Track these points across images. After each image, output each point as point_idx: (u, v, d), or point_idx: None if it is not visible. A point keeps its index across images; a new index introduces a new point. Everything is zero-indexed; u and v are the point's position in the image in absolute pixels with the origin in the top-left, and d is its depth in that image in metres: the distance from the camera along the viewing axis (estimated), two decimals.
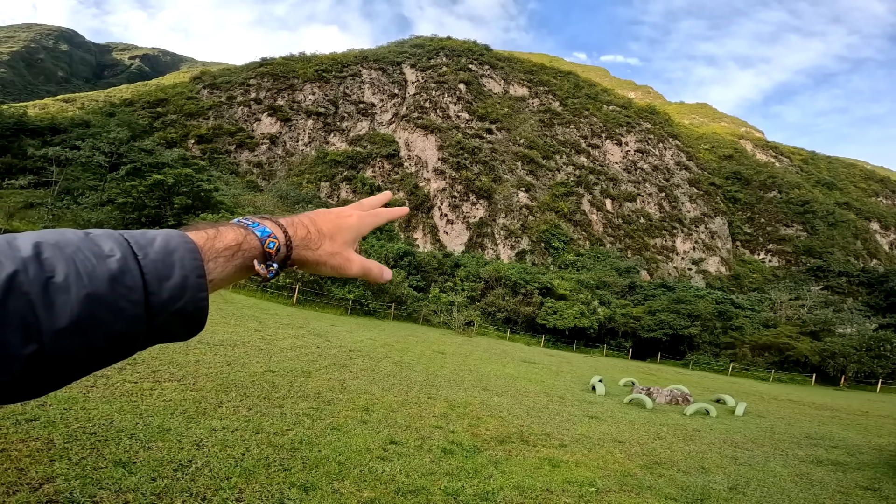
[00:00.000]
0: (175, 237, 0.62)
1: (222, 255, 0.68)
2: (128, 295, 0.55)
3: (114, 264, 0.55)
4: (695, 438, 9.44)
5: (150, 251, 0.59)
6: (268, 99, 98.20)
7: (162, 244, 0.61)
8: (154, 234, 0.62)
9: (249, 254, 0.71)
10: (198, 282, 0.61)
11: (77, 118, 72.39)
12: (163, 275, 0.58)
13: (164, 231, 0.63)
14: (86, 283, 0.53)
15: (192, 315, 0.61)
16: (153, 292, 0.57)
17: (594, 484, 5.65)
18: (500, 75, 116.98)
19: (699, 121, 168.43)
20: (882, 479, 7.73)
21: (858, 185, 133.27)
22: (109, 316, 0.54)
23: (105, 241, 0.58)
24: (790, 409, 17.46)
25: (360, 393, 8.53)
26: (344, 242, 0.82)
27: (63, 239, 0.55)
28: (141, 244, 0.59)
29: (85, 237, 0.57)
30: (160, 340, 0.61)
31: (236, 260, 0.70)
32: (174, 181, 37.26)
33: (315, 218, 0.82)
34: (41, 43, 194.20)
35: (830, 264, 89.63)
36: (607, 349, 45.51)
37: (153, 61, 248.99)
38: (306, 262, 0.78)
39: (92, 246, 0.56)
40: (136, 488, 3.65)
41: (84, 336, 0.53)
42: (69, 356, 0.53)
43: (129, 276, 0.56)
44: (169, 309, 0.59)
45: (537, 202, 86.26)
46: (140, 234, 0.61)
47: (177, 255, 0.60)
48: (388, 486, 4.60)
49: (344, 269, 0.81)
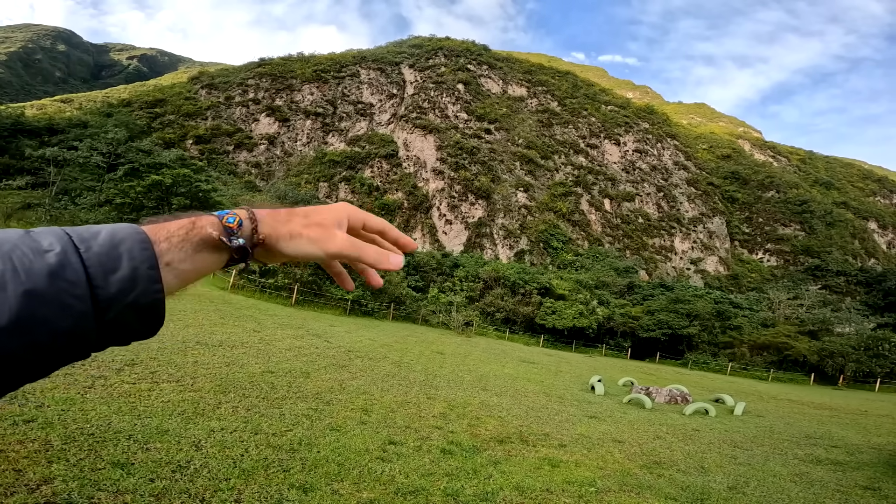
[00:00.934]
0: (123, 229, 0.59)
1: (175, 235, 0.64)
2: (70, 290, 0.52)
3: (52, 259, 0.52)
4: (694, 438, 9.44)
5: (93, 244, 0.56)
6: (266, 99, 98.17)
7: (107, 237, 0.57)
8: (100, 227, 0.59)
9: (204, 230, 0.66)
10: (149, 273, 0.58)
11: (75, 119, 72.26)
12: (108, 267, 0.55)
13: (111, 224, 0.60)
14: (23, 279, 0.50)
15: (147, 308, 0.58)
16: (99, 286, 0.54)
17: (594, 484, 5.65)
18: (498, 75, 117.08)
19: (697, 121, 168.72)
20: (881, 478, 7.74)
21: (856, 184, 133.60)
22: (53, 312, 0.51)
23: (45, 236, 0.55)
24: (789, 408, 17.48)
25: (359, 393, 8.52)
26: (320, 219, 0.75)
27: (2, 237, 0.53)
28: (84, 237, 0.56)
29: (25, 234, 0.55)
30: (117, 337, 0.58)
31: (192, 237, 0.65)
32: (172, 182, 37.22)
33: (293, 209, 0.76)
34: (39, 43, 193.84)
35: (828, 264, 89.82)
36: (606, 349, 45.52)
37: (151, 62, 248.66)
38: (278, 235, 0.71)
39: (30, 242, 0.53)
40: (134, 489, 3.63)
41: (27, 335, 0.50)
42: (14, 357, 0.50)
43: (70, 270, 0.53)
44: (120, 302, 0.55)
45: (536, 202, 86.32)
46: (84, 229, 0.58)
47: (124, 247, 0.57)
48: (388, 487, 4.58)
49: (323, 242, 0.72)
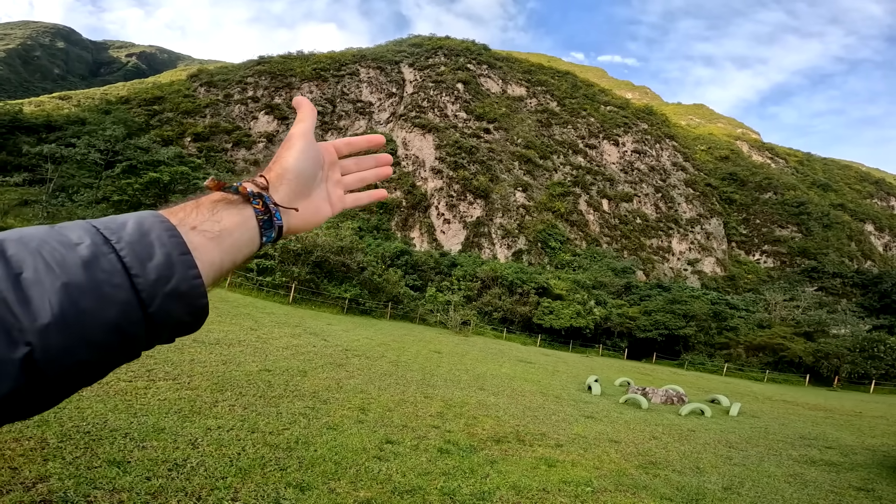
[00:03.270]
0: (147, 217, 0.59)
1: (189, 205, 0.65)
2: (109, 279, 0.51)
3: (84, 251, 0.52)
4: (690, 438, 9.47)
5: (123, 234, 0.55)
6: (265, 97, 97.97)
7: (135, 226, 0.57)
8: (125, 217, 0.58)
9: (220, 196, 0.68)
10: (183, 258, 0.57)
11: (73, 116, 72.08)
12: (143, 255, 0.54)
13: (135, 213, 0.59)
14: (58, 273, 0.49)
15: (187, 294, 0.56)
16: (137, 274, 0.53)
17: (590, 484, 5.66)
18: (498, 75, 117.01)
19: (696, 122, 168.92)
20: (875, 479, 7.78)
21: (853, 186, 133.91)
22: (95, 304, 0.50)
23: (72, 230, 0.54)
24: (784, 409, 17.54)
25: (357, 392, 8.52)
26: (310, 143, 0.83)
27: (27, 234, 0.52)
28: (112, 229, 0.55)
29: (50, 230, 0.54)
30: (166, 330, 0.57)
31: (206, 202, 0.66)
32: (170, 179, 37.20)
33: None
34: (38, 40, 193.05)
35: (825, 265, 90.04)
36: (603, 349, 45.59)
37: (150, 59, 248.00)
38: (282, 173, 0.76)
39: (58, 237, 0.52)
40: (130, 488, 3.63)
41: (75, 329, 0.49)
42: (67, 355, 0.49)
43: (105, 260, 0.52)
44: (161, 290, 0.54)
45: (534, 202, 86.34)
46: (110, 220, 0.57)
47: (154, 235, 0.56)
48: (385, 486, 4.59)
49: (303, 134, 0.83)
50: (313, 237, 36.73)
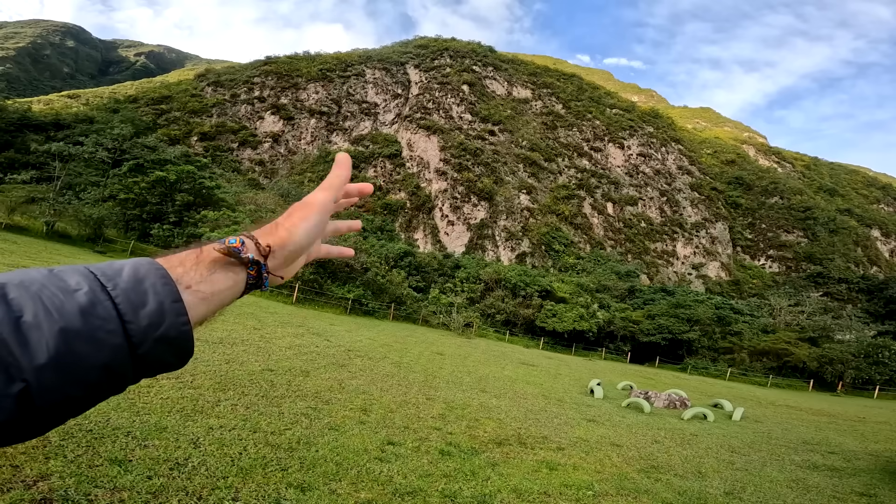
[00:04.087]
0: (143, 265, 0.62)
1: (187, 260, 0.68)
2: (103, 326, 0.55)
3: (82, 298, 0.55)
4: (692, 443, 9.44)
5: (119, 281, 0.59)
6: (271, 97, 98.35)
7: (130, 273, 0.60)
8: (121, 264, 0.62)
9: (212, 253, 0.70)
10: (174, 306, 0.61)
11: (81, 114, 72.59)
12: (136, 303, 0.58)
13: (130, 260, 0.63)
14: (56, 318, 0.53)
15: (176, 339, 0.61)
16: (130, 321, 0.57)
17: (591, 487, 5.65)
18: (503, 77, 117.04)
19: (702, 125, 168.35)
20: (878, 484, 7.73)
21: (860, 191, 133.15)
22: (89, 348, 0.54)
23: (70, 275, 0.57)
24: (787, 414, 17.45)
25: (359, 393, 8.53)
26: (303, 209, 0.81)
27: (27, 278, 0.55)
28: (108, 275, 0.59)
29: (49, 274, 0.57)
30: (152, 370, 0.61)
31: (204, 259, 0.69)
32: (176, 178, 37.33)
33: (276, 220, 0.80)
34: (47, 39, 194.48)
35: (830, 271, 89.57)
36: (606, 353, 45.47)
37: (158, 58, 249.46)
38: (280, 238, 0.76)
39: (57, 282, 0.56)
40: (131, 486, 3.64)
41: (69, 370, 0.53)
42: (59, 392, 0.53)
43: (101, 308, 0.56)
44: (151, 336, 0.58)
45: (538, 204, 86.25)
46: (106, 266, 0.61)
47: (148, 283, 0.60)
48: (386, 488, 4.60)
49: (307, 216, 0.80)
50: None
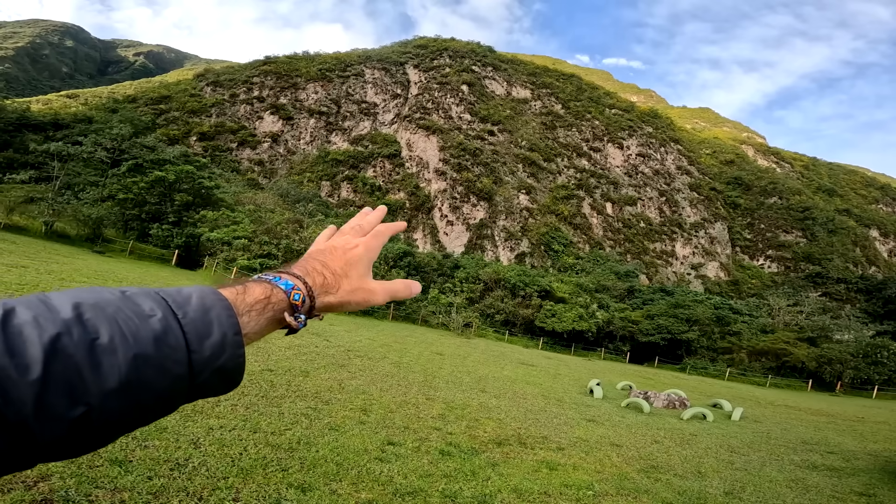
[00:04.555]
0: (209, 295, 0.64)
1: (254, 309, 0.69)
2: (172, 355, 0.56)
3: (157, 325, 0.56)
4: (691, 443, 9.45)
5: (188, 310, 0.60)
6: (270, 97, 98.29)
7: (199, 302, 0.61)
8: (188, 291, 0.63)
9: (278, 307, 0.72)
10: (235, 339, 0.62)
11: (80, 114, 72.57)
12: (203, 333, 0.59)
13: (197, 288, 0.64)
14: (132, 343, 0.53)
15: (231, 371, 0.62)
16: (195, 350, 0.58)
17: (591, 487, 5.66)
18: (502, 77, 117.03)
19: (701, 125, 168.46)
20: (877, 484, 7.74)
21: (859, 191, 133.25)
22: (156, 376, 0.55)
23: (143, 300, 0.58)
24: (786, 414, 17.47)
25: (359, 393, 8.54)
26: (359, 276, 0.83)
27: (102, 299, 0.56)
28: (178, 302, 0.60)
29: (123, 296, 0.58)
30: (198, 397, 0.62)
31: (266, 313, 0.71)
32: (175, 178, 37.32)
33: (325, 260, 0.83)
34: (46, 39, 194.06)
35: (829, 271, 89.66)
36: (605, 353, 45.51)
37: (157, 58, 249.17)
38: (330, 306, 0.80)
39: (132, 305, 0.57)
40: (131, 487, 3.64)
41: (132, 396, 0.53)
42: (117, 417, 0.53)
43: (172, 336, 0.57)
44: (210, 367, 0.60)
45: (538, 205, 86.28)
46: (175, 293, 0.62)
47: (213, 313, 0.61)
48: (386, 488, 4.60)
49: (369, 301, 0.83)
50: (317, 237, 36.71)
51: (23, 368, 0.47)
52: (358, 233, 0.92)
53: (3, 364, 0.47)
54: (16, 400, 0.46)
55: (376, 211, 0.98)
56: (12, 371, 0.47)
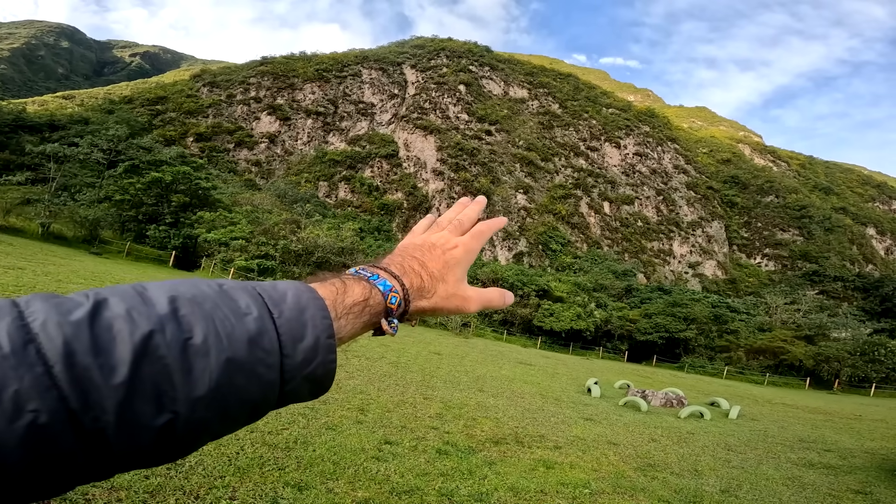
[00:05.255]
0: (305, 293, 0.58)
1: (352, 312, 0.63)
2: (265, 359, 0.51)
3: (252, 324, 0.51)
4: (689, 441, 9.47)
5: (283, 308, 0.54)
6: (267, 98, 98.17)
7: (294, 300, 0.56)
8: (284, 287, 0.57)
9: (375, 310, 0.66)
10: (328, 343, 0.56)
11: (76, 115, 72.34)
12: (297, 336, 0.53)
13: (292, 284, 0.58)
14: (225, 345, 0.48)
15: (321, 378, 0.56)
16: (287, 355, 0.52)
17: (588, 486, 5.67)
18: (500, 77, 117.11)
19: (698, 124, 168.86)
20: (874, 482, 7.77)
21: (855, 190, 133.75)
22: (246, 382, 0.49)
23: (241, 295, 0.53)
24: (784, 412, 17.51)
25: (356, 393, 8.53)
26: (456, 281, 0.75)
27: (199, 293, 0.51)
28: (274, 300, 0.54)
29: (220, 290, 0.53)
30: (285, 404, 0.56)
31: (363, 317, 0.65)
32: (172, 179, 37.24)
33: (424, 260, 0.74)
34: (42, 40, 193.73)
35: (826, 269, 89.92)
36: (603, 351, 45.57)
37: (154, 59, 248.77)
38: (423, 311, 0.73)
39: (229, 301, 0.51)
40: (128, 486, 3.64)
41: (220, 404, 0.48)
42: (203, 426, 0.48)
43: (267, 339, 0.51)
44: (301, 373, 0.54)
45: (535, 204, 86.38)
46: (271, 288, 0.56)
47: (308, 314, 0.55)
48: (383, 486, 4.60)
49: (462, 309, 0.75)
50: (314, 238, 36.77)
51: (108, 370, 0.42)
52: (457, 229, 0.81)
53: (86, 364, 0.42)
54: (95, 406, 0.41)
55: (475, 203, 0.88)
56: (96, 373, 0.42)
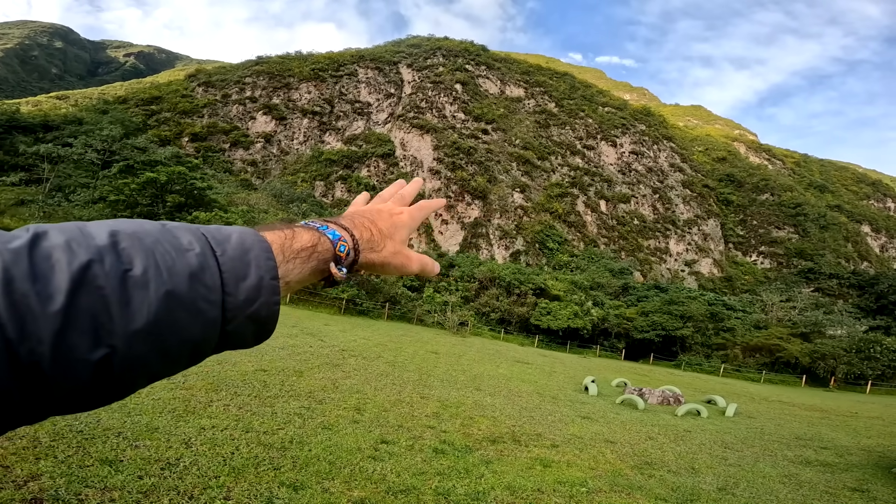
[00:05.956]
0: (250, 235, 0.58)
1: (299, 257, 0.65)
2: (207, 295, 0.51)
3: (193, 259, 0.51)
4: (685, 439, 9.48)
5: (227, 247, 0.54)
6: (263, 97, 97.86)
7: (238, 241, 0.56)
8: (229, 230, 0.58)
9: (323, 256, 0.68)
10: (272, 283, 0.56)
11: (70, 115, 71.90)
12: (240, 274, 0.54)
13: (237, 228, 0.59)
14: (165, 278, 0.48)
15: (265, 320, 0.57)
16: (230, 293, 0.53)
17: (585, 484, 5.66)
18: (496, 76, 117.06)
19: (693, 123, 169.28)
20: (870, 479, 7.79)
21: (850, 188, 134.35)
22: (186, 317, 0.49)
23: (183, 233, 0.53)
24: (780, 410, 17.57)
25: (353, 392, 8.51)
26: (401, 241, 0.82)
27: (141, 229, 0.51)
28: (218, 240, 0.55)
29: (162, 228, 0.53)
30: (228, 347, 0.56)
31: (311, 262, 0.67)
32: (167, 179, 37.10)
33: (373, 218, 0.80)
34: (35, 40, 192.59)
35: (821, 266, 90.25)
36: (600, 350, 45.63)
37: (148, 59, 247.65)
38: (372, 263, 0.77)
39: (171, 238, 0.51)
40: (122, 486, 3.62)
41: (158, 340, 0.47)
42: (141, 363, 0.47)
43: (209, 274, 0.51)
44: (243, 312, 0.54)
45: (532, 203, 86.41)
46: (216, 230, 0.57)
47: (252, 254, 0.56)
48: (379, 486, 4.58)
49: (406, 267, 0.81)
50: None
51: (45, 297, 0.41)
52: (399, 202, 0.90)
53: (24, 290, 0.41)
54: (32, 335, 0.40)
55: (412, 183, 0.96)
56: (33, 299, 0.41)
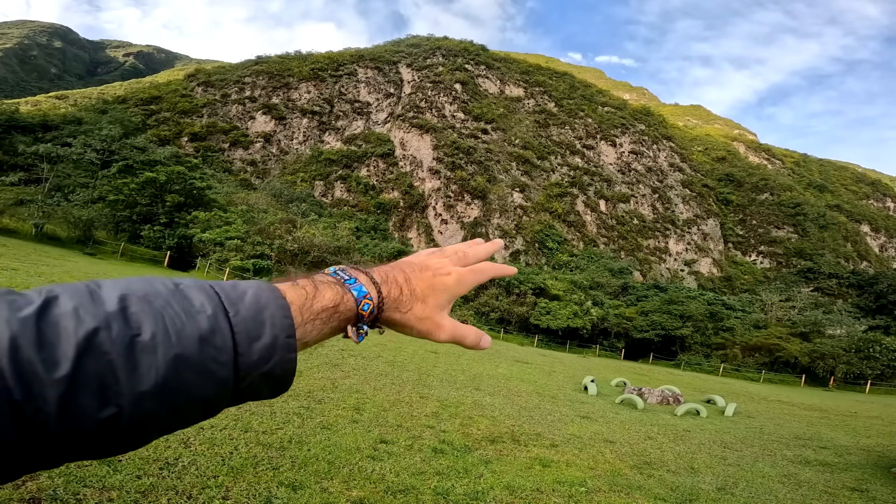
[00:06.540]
0: (266, 292, 0.58)
1: (319, 318, 0.62)
2: (217, 357, 0.51)
3: (204, 322, 0.51)
4: (685, 439, 9.47)
5: (240, 307, 0.54)
6: (262, 97, 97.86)
7: (252, 299, 0.56)
8: (244, 286, 0.58)
9: (344, 315, 0.65)
10: (287, 342, 0.56)
11: (69, 115, 71.94)
12: (253, 334, 0.54)
13: (254, 283, 0.59)
14: (174, 342, 0.49)
15: (280, 377, 0.56)
16: (242, 353, 0.53)
17: (584, 484, 5.65)
18: (496, 75, 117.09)
19: (693, 122, 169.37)
20: (869, 479, 7.79)
21: (849, 187, 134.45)
22: (196, 378, 0.50)
23: (196, 294, 0.54)
24: (779, 409, 17.57)
25: (352, 392, 8.50)
26: (436, 305, 0.74)
27: (152, 290, 0.52)
28: (232, 299, 0.55)
29: (175, 289, 0.53)
30: (243, 401, 0.57)
31: (332, 323, 0.64)
32: (166, 179, 37.08)
33: (410, 275, 0.74)
34: (35, 40, 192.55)
35: (821, 266, 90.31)
36: (600, 349, 45.65)
37: (147, 59, 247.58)
38: (393, 323, 0.72)
39: (182, 300, 0.52)
40: (120, 486, 3.61)
41: (167, 399, 0.49)
42: (150, 420, 0.49)
43: (220, 336, 0.52)
44: (257, 371, 0.54)
45: (532, 202, 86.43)
46: (230, 287, 0.57)
47: (267, 313, 0.56)
48: (378, 486, 4.58)
49: (432, 335, 0.74)
50: (310, 237, 36.67)
51: (51, 364, 0.43)
52: (460, 261, 0.81)
53: (29, 357, 0.43)
54: (38, 397, 0.43)
55: (489, 244, 0.87)
56: (39, 366, 0.43)
